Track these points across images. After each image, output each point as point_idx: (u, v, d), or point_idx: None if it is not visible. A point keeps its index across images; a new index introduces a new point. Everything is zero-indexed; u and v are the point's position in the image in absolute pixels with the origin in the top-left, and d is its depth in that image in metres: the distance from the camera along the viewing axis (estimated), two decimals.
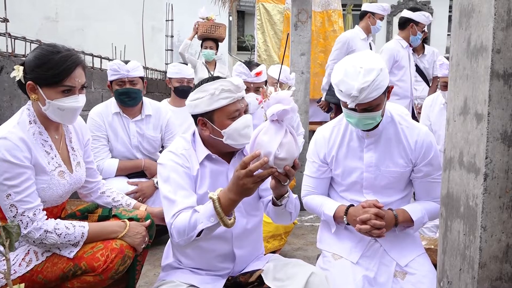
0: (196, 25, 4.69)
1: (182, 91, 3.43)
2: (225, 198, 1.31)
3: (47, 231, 1.47)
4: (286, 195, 1.41)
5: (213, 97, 1.46)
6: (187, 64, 3.54)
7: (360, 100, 1.54)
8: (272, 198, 1.45)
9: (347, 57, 1.64)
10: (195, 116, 1.53)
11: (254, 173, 1.26)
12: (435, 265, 1.42)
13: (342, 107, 1.67)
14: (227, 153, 1.57)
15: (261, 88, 1.33)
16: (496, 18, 0.89)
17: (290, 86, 1.34)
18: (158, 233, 2.04)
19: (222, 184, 1.51)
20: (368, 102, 1.56)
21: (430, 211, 1.74)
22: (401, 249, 1.71)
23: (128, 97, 2.65)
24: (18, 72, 1.51)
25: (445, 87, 2.85)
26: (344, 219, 1.71)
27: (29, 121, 1.54)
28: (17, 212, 1.43)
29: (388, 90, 1.66)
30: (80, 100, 1.56)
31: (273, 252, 2.44)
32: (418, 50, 4.56)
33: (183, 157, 1.51)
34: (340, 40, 4.06)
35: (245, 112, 1.52)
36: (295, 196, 1.52)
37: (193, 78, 3.49)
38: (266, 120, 1.31)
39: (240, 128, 1.48)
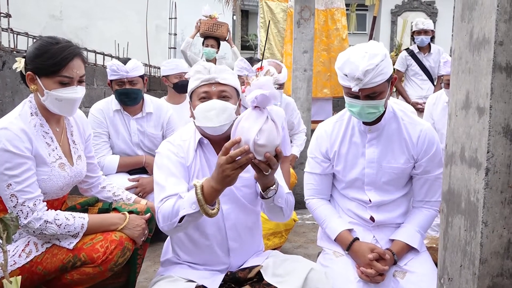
0: (198, 23, 4.68)
1: (182, 86, 3.40)
2: (208, 186, 1.30)
3: (47, 221, 1.47)
4: (272, 187, 1.39)
5: (191, 79, 1.53)
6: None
7: (365, 84, 1.53)
8: (260, 191, 1.43)
9: (350, 47, 1.64)
10: None
11: (232, 164, 1.24)
12: (437, 264, 1.40)
13: (345, 96, 1.66)
14: (217, 144, 1.56)
15: (243, 76, 1.32)
16: (499, 10, 0.88)
17: (271, 73, 1.32)
18: (159, 229, 2.04)
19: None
20: (372, 88, 1.55)
21: (423, 225, 1.74)
22: None
23: (128, 97, 2.64)
24: (19, 64, 1.53)
25: (448, 85, 2.83)
26: (345, 253, 1.70)
27: (31, 113, 1.55)
28: (17, 202, 1.44)
29: (392, 81, 1.65)
30: (78, 91, 1.56)
31: (273, 249, 2.42)
32: (425, 49, 4.56)
33: (179, 147, 1.54)
34: None
35: (223, 98, 1.50)
36: (287, 191, 1.51)
37: None
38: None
39: (204, 110, 1.48)
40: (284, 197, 1.46)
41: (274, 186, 1.40)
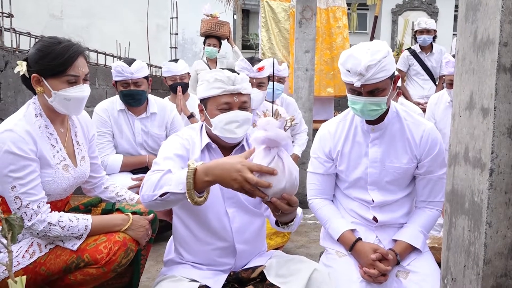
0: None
1: (175, 88, 3.43)
2: (202, 173, 1.22)
3: (51, 223, 1.47)
4: (290, 223, 1.39)
5: (208, 85, 1.50)
6: (176, 61, 3.53)
7: (367, 79, 1.54)
8: (276, 221, 1.42)
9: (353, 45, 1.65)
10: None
11: (250, 187, 1.19)
12: (439, 264, 1.40)
13: (348, 94, 1.66)
14: (226, 149, 1.57)
15: (257, 112, 1.28)
16: (503, 11, 0.88)
17: (280, 114, 1.25)
18: (161, 229, 2.05)
19: None
20: (374, 84, 1.56)
21: (426, 225, 1.73)
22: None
23: (133, 98, 2.65)
24: (21, 67, 1.53)
25: (450, 85, 2.83)
26: (348, 253, 1.70)
27: (35, 115, 1.55)
28: (21, 204, 1.44)
29: (395, 80, 1.65)
30: (85, 89, 1.57)
31: (276, 249, 2.43)
32: (426, 48, 4.55)
33: (186, 140, 1.54)
34: None
35: (244, 109, 1.50)
36: (299, 214, 1.46)
37: (186, 73, 3.46)
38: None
39: (224, 122, 1.47)
40: (297, 223, 1.45)
41: (291, 223, 1.39)
